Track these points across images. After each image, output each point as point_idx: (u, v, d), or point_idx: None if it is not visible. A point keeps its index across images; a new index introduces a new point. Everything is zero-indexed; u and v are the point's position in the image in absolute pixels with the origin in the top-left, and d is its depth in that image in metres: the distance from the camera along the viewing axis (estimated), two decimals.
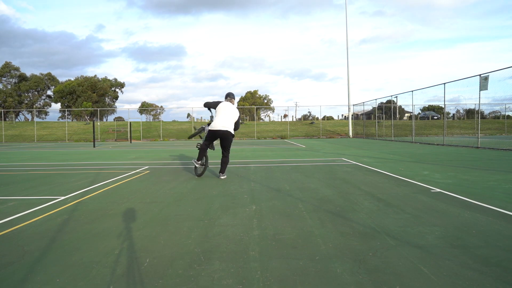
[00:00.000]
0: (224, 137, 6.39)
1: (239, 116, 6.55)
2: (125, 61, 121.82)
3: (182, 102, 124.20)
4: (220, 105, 6.46)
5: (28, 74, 57.77)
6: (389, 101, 27.70)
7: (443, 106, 19.71)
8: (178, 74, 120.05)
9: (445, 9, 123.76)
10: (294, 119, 48.45)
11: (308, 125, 38.30)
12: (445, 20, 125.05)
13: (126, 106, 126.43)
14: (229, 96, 6.66)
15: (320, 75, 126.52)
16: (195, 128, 7.62)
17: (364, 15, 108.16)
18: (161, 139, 31.07)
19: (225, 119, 6.34)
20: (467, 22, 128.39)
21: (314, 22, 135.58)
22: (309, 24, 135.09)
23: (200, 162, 6.59)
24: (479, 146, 13.79)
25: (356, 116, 33.81)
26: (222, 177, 6.47)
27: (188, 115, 65.26)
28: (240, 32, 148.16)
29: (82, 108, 50.06)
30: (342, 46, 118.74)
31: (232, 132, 6.40)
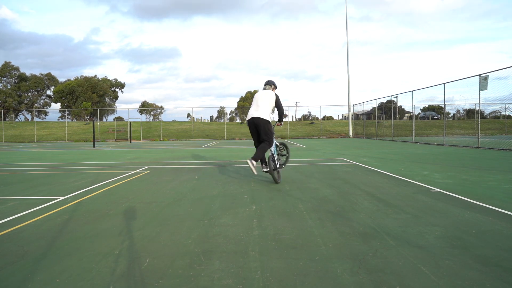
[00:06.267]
0: (257, 124, 5.73)
1: (276, 100, 5.85)
2: (121, 62, 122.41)
3: (179, 102, 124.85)
4: (254, 96, 6.04)
5: (25, 75, 57.80)
6: (389, 101, 27.69)
7: (442, 106, 19.71)
8: (174, 75, 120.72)
9: (431, 13, 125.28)
10: (294, 119, 48.44)
11: (308, 125, 38.30)
12: (434, 23, 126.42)
13: (123, 106, 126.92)
14: (268, 84, 6.14)
15: (316, 76, 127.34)
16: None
17: (352, 20, 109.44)
18: (161, 139, 31.06)
19: (256, 106, 5.83)
20: (456, 25, 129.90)
21: (303, 27, 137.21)
22: (299, 29, 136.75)
23: (264, 165, 5.86)
24: (479, 146, 13.79)
25: (356, 116, 33.81)
26: (249, 162, 5.53)
27: (188, 115, 65.29)
28: (234, 35, 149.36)
29: (82, 108, 50.06)
30: (333, 49, 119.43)
31: (266, 118, 5.71)
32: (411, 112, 24.92)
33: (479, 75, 13.25)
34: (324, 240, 2.93)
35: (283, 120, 6.04)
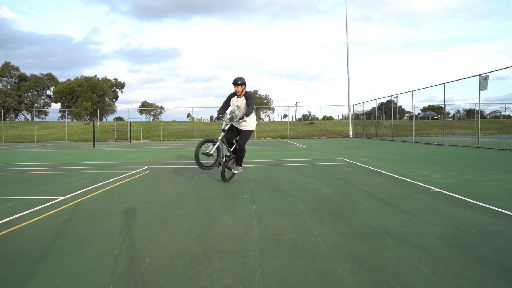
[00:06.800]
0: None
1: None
2: (121, 62, 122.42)
3: (179, 102, 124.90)
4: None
5: (25, 75, 57.82)
6: (389, 101, 27.70)
7: (442, 106, 19.71)
8: (174, 75, 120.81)
9: (431, 13, 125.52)
10: (294, 119, 48.47)
11: (308, 125, 38.30)
12: (434, 23, 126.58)
13: (123, 106, 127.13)
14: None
15: (316, 76, 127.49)
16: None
17: (351, 20, 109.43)
18: (161, 139, 31.07)
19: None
20: (456, 25, 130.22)
21: (303, 27, 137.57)
22: (298, 29, 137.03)
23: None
24: (479, 146, 13.79)
25: (356, 116, 33.81)
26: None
27: (188, 115, 65.38)
28: (234, 35, 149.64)
29: (82, 108, 50.09)
30: (333, 49, 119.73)
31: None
32: (411, 112, 24.94)
33: (479, 75, 13.25)
34: (324, 240, 2.93)
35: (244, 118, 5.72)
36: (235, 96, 5.89)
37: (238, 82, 5.74)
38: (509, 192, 4.83)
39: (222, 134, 5.77)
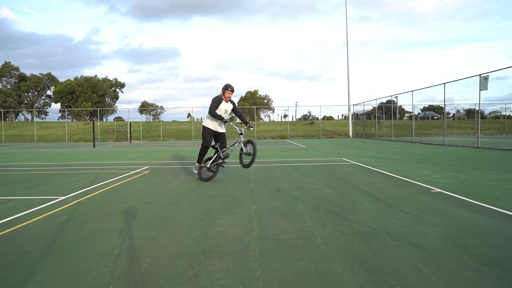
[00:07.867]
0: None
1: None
2: (120, 62, 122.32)
3: (179, 102, 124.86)
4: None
5: (25, 75, 57.80)
6: (389, 101, 27.70)
7: (442, 106, 19.71)
8: (174, 75, 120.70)
9: (431, 13, 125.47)
10: (294, 119, 48.45)
11: (308, 125, 38.30)
12: (434, 23, 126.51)
13: (123, 106, 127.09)
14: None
15: (316, 76, 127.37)
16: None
17: (351, 20, 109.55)
18: (161, 139, 31.07)
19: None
20: (456, 25, 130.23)
21: (303, 27, 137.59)
22: (298, 29, 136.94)
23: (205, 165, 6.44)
24: (479, 146, 13.78)
25: (356, 116, 33.81)
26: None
27: (189, 115, 65.31)
28: (233, 35, 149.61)
29: (82, 108, 50.09)
30: (333, 49, 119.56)
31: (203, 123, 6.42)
32: (411, 112, 24.95)
33: (479, 75, 13.25)
34: (324, 240, 2.93)
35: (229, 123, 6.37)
36: (223, 101, 6.10)
37: (233, 89, 6.19)
38: (509, 192, 4.83)
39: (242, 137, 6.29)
